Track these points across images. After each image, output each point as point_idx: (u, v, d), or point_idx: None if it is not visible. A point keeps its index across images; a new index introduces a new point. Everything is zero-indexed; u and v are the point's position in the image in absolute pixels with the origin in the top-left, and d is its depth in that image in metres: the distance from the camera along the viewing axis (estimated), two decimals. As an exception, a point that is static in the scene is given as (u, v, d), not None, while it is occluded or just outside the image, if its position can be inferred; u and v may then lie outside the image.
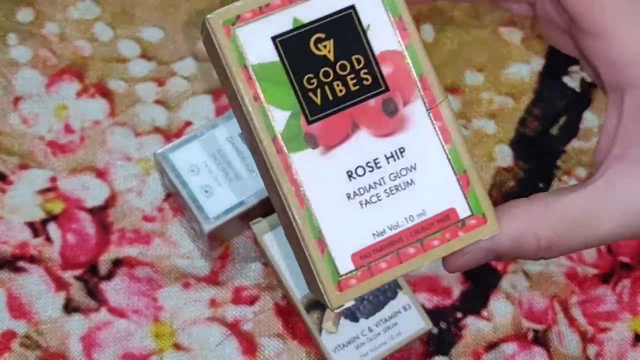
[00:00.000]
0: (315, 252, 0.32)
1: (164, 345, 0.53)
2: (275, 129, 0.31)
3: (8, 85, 0.58)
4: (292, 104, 0.32)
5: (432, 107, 0.33)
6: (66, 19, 0.60)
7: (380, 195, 0.32)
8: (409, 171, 0.32)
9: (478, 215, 0.33)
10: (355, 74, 0.32)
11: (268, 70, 0.31)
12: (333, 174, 0.32)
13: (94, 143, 0.57)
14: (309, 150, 0.32)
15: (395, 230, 0.32)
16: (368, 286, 0.32)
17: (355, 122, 0.32)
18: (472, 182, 0.33)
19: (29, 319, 0.53)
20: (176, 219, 0.56)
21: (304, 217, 0.32)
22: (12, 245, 0.55)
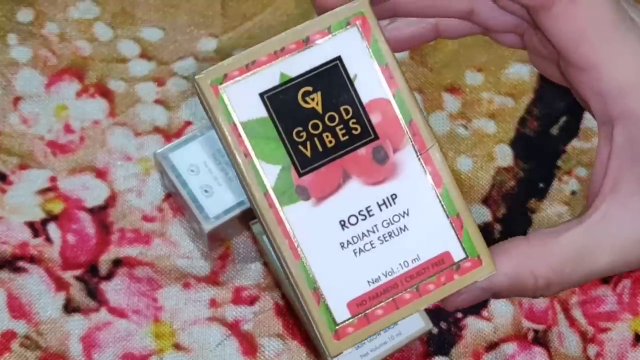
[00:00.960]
0: (311, 302, 0.32)
1: (164, 346, 0.53)
2: (267, 184, 0.32)
3: (8, 85, 0.58)
4: (282, 158, 0.32)
5: (423, 152, 0.33)
6: (66, 19, 0.60)
7: (374, 242, 0.32)
8: (401, 217, 0.33)
9: (473, 257, 0.33)
10: (344, 124, 0.32)
11: (257, 126, 0.32)
12: (326, 224, 0.32)
13: (94, 143, 0.57)
14: (301, 202, 0.32)
15: (390, 276, 0.33)
16: (365, 333, 0.32)
17: (346, 172, 0.32)
18: (465, 224, 0.33)
19: (29, 319, 0.53)
20: (176, 219, 0.56)
21: (298, 268, 0.32)
22: (12, 245, 0.54)
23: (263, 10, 0.61)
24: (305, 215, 0.32)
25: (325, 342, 0.32)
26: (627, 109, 0.32)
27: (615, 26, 0.32)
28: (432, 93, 0.60)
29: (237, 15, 0.61)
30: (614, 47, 0.32)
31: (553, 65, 0.36)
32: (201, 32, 0.60)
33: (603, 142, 0.34)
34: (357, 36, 0.33)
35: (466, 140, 0.59)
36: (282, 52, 0.33)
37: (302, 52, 0.32)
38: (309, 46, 0.32)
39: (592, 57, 0.32)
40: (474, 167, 0.58)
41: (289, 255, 0.32)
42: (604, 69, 0.32)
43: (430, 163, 0.33)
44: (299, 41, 0.32)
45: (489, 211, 0.57)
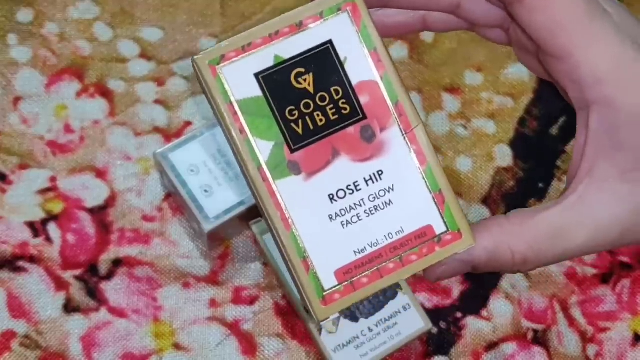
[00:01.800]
0: (301, 270, 0.34)
1: (164, 345, 0.53)
2: (260, 159, 0.34)
3: (8, 85, 0.58)
4: (275, 134, 0.34)
5: (408, 132, 0.35)
6: (66, 19, 0.60)
7: (360, 215, 0.34)
8: (387, 192, 0.35)
9: (454, 231, 0.35)
10: (334, 104, 0.34)
11: (252, 105, 0.34)
12: (316, 198, 0.34)
13: (93, 143, 0.57)
14: (293, 176, 0.34)
15: (375, 247, 0.34)
16: (351, 300, 0.34)
17: (336, 149, 0.34)
18: (447, 200, 0.35)
19: (29, 319, 0.53)
20: (176, 218, 0.56)
21: (289, 238, 0.34)
22: (12, 245, 0.55)
23: (262, 10, 0.61)
24: (296, 189, 0.34)
25: (314, 307, 0.34)
26: (602, 95, 0.34)
27: (589, 16, 0.33)
28: (431, 93, 0.60)
29: (236, 14, 0.61)
30: (589, 35, 0.33)
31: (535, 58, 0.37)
32: (200, 31, 0.60)
33: (580, 128, 0.35)
34: (348, 21, 0.34)
35: (466, 140, 0.59)
36: (276, 35, 0.34)
37: (296, 36, 0.34)
38: (302, 30, 0.34)
39: (567, 46, 0.34)
40: (474, 167, 0.58)
41: (280, 226, 0.34)
42: (580, 58, 0.34)
43: (415, 142, 0.35)
44: (293, 25, 0.34)
45: (488, 211, 0.57)
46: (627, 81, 0.33)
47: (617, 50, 0.33)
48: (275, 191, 0.34)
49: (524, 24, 0.34)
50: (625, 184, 0.34)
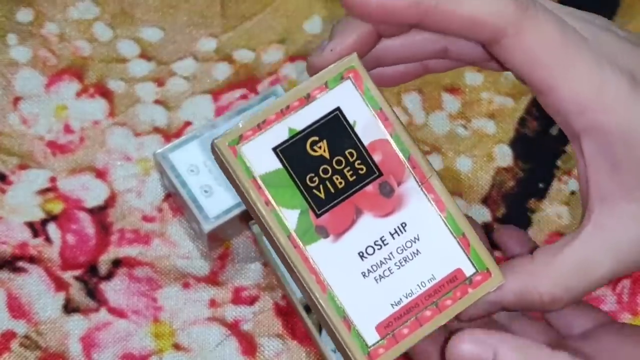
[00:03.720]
0: (343, 330, 0.35)
1: (164, 346, 0.53)
2: (289, 227, 0.35)
3: (8, 85, 0.58)
4: (299, 202, 0.35)
5: (423, 182, 0.36)
6: (66, 19, 0.60)
7: (391, 268, 0.36)
8: (413, 242, 0.36)
9: (482, 271, 0.36)
10: (351, 166, 0.36)
11: (274, 178, 0.35)
12: (347, 257, 0.35)
13: (93, 143, 0.57)
14: (322, 240, 0.35)
15: (410, 297, 0.36)
16: (395, 352, 0.35)
17: (358, 208, 0.36)
18: (471, 242, 0.36)
19: (29, 319, 0.53)
20: (176, 219, 0.56)
21: (327, 300, 0.35)
22: (12, 245, 0.55)
23: (262, 10, 0.61)
24: (327, 251, 0.35)
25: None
26: (589, 122, 0.34)
27: (565, 47, 0.34)
28: (431, 93, 0.60)
29: (236, 15, 0.61)
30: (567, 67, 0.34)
31: None
32: (201, 32, 0.60)
33: (578, 156, 0.36)
34: (352, 87, 0.36)
35: (466, 141, 0.59)
36: (287, 109, 0.36)
37: (305, 108, 0.36)
38: (311, 101, 0.36)
39: (547, 80, 0.34)
40: (474, 167, 0.58)
41: (316, 289, 0.35)
42: (561, 90, 0.34)
43: (432, 191, 0.36)
44: (301, 98, 0.36)
45: (488, 211, 0.57)
46: (609, 103, 0.34)
47: (596, 76, 0.34)
48: (308, 256, 0.35)
49: (504, 62, 0.35)
50: (633, 203, 0.35)
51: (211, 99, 0.59)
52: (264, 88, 0.59)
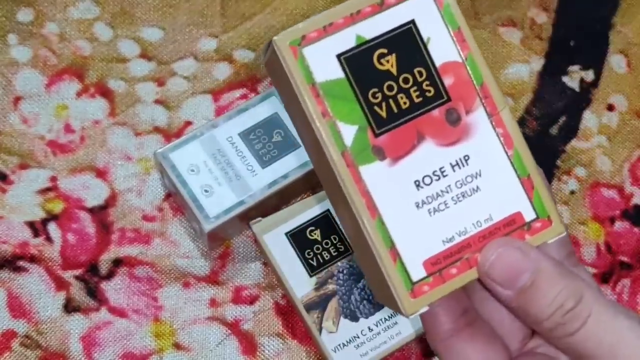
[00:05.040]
0: (388, 261, 0.32)
1: (164, 345, 0.53)
2: (344, 143, 0.32)
3: (8, 85, 0.58)
4: (359, 118, 0.32)
5: (494, 114, 0.33)
6: (66, 18, 0.60)
7: (447, 202, 0.33)
8: (474, 178, 0.33)
9: (543, 218, 0.34)
10: (418, 86, 0.33)
11: (335, 87, 0.32)
12: (401, 184, 0.33)
13: (94, 143, 0.57)
14: (377, 162, 0.32)
15: (463, 236, 0.33)
16: (440, 292, 0.33)
17: (420, 133, 0.33)
18: (536, 185, 0.33)
19: (29, 319, 0.53)
20: (176, 218, 0.56)
21: (375, 227, 0.32)
22: (13, 244, 0.55)
23: (263, 10, 0.61)
24: (381, 175, 0.32)
25: (402, 300, 0.32)
26: None
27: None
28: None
29: (236, 14, 0.61)
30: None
31: None
32: (201, 31, 0.60)
33: None
34: (430, 0, 0.33)
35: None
36: (357, 14, 0.33)
37: (377, 15, 0.33)
38: (384, 9, 0.33)
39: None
40: (474, 167, 0.58)
41: (365, 214, 0.32)
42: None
43: (501, 125, 0.33)
44: (375, 4, 0.33)
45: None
46: None
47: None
48: (360, 177, 0.32)
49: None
50: None
51: (211, 99, 0.59)
52: (264, 88, 0.59)
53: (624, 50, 0.62)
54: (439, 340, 0.36)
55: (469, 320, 0.36)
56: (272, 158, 0.53)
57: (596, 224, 0.58)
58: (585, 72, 0.62)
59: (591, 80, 0.61)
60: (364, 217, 0.32)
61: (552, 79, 0.61)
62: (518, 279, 0.33)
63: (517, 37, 0.62)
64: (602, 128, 0.60)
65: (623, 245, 0.57)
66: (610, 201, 0.59)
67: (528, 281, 0.33)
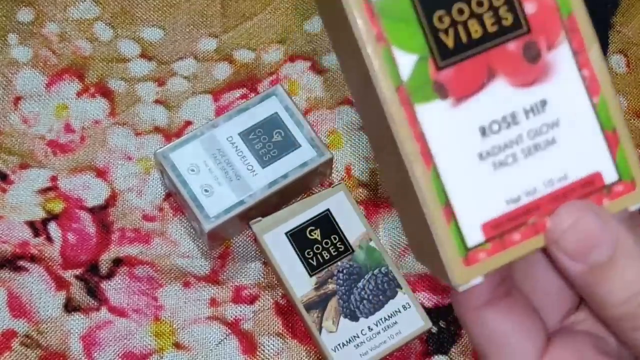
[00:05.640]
0: (440, 220, 0.27)
1: (164, 344, 0.53)
2: (401, 76, 0.27)
3: (8, 85, 0.58)
4: (420, 46, 0.27)
5: (580, 52, 0.28)
6: (66, 18, 0.60)
7: (516, 155, 0.28)
8: (550, 128, 0.28)
9: (626, 181, 0.29)
10: (494, 12, 0.27)
11: (394, 6, 0.27)
12: (464, 130, 0.28)
13: (94, 142, 0.57)
14: (438, 101, 0.27)
15: (532, 196, 0.28)
16: (499, 260, 0.28)
17: (492, 69, 0.28)
18: (622, 141, 0.28)
19: (30, 318, 0.53)
20: (176, 218, 0.56)
21: (429, 179, 0.27)
22: (13, 244, 0.55)
23: (263, 10, 0.61)
24: (441, 117, 0.27)
25: (452, 267, 0.28)
26: None
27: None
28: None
29: (236, 14, 0.61)
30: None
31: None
32: (201, 31, 0.60)
33: None
34: None
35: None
36: None
37: None
38: None
39: None
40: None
41: (418, 163, 0.27)
42: None
43: (588, 67, 0.28)
44: None
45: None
46: None
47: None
48: (417, 118, 0.27)
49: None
50: None
51: (211, 99, 0.59)
52: (264, 88, 0.59)
53: (624, 50, 0.62)
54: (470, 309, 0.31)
55: (506, 289, 0.31)
56: (272, 158, 0.53)
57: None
58: (585, 72, 0.62)
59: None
60: (417, 167, 0.27)
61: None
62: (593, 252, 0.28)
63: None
64: (602, 128, 0.60)
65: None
66: (610, 201, 0.59)
67: (605, 256, 0.28)
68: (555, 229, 0.28)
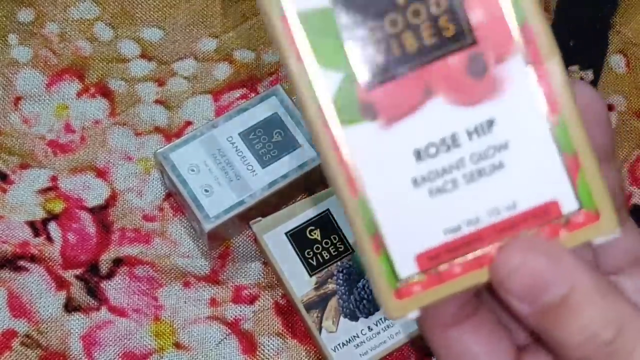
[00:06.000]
0: (369, 250, 0.26)
1: (164, 344, 0.53)
2: (324, 96, 0.25)
3: (9, 85, 0.58)
4: (345, 63, 0.25)
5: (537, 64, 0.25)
6: (67, 19, 0.60)
7: (457, 181, 0.25)
8: (497, 151, 0.25)
9: (589, 210, 0.25)
10: (433, 22, 0.24)
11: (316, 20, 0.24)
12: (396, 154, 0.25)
13: (94, 143, 0.57)
14: (367, 123, 0.25)
15: (474, 226, 0.26)
16: (435, 294, 0.26)
17: (429, 87, 0.25)
18: (583, 166, 0.25)
19: (30, 318, 0.53)
20: (176, 218, 0.56)
21: (356, 207, 0.25)
22: (13, 244, 0.55)
23: (263, 10, 0.61)
24: (370, 140, 0.25)
25: (384, 300, 0.26)
26: None
27: None
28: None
29: (236, 14, 0.61)
30: None
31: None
32: (201, 31, 0.60)
33: None
34: None
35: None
36: None
37: None
38: None
39: None
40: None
41: (344, 190, 0.25)
42: None
43: (545, 82, 0.25)
44: None
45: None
46: None
47: None
48: (342, 141, 0.25)
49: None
50: None
51: (211, 99, 0.59)
52: (264, 88, 0.59)
53: (624, 51, 0.62)
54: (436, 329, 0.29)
55: (473, 307, 0.30)
56: (272, 158, 0.53)
57: (595, 224, 0.58)
58: (585, 72, 0.62)
59: (590, 80, 0.61)
60: (343, 193, 0.25)
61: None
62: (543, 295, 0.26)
63: (517, 37, 0.62)
64: (602, 128, 0.60)
65: (622, 245, 0.57)
66: (610, 201, 0.59)
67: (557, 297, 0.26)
68: (500, 270, 0.26)
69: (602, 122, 0.28)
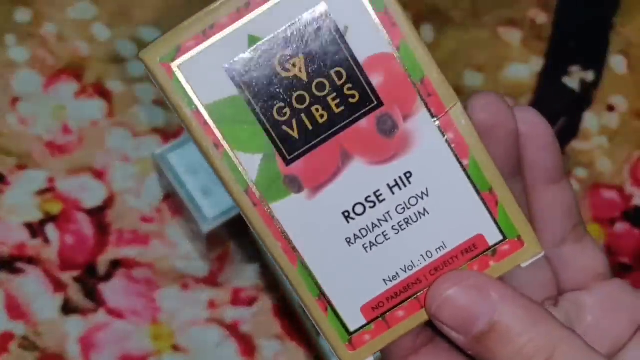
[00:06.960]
0: (317, 312, 0.27)
1: (163, 347, 0.53)
2: (247, 178, 0.26)
3: (6, 85, 0.58)
4: (262, 144, 0.26)
5: (441, 115, 0.27)
6: (64, 19, 0.60)
7: (387, 233, 0.27)
8: (419, 199, 0.27)
9: (512, 239, 0.27)
10: (338, 92, 0.26)
11: (227, 109, 0.25)
12: (326, 219, 0.27)
13: (92, 143, 0.57)
14: (292, 196, 0.26)
15: (410, 271, 0.27)
16: (385, 340, 0.28)
17: (346, 151, 0.26)
18: (500, 200, 0.27)
19: (27, 320, 0.53)
20: (174, 219, 0.56)
21: (297, 274, 0.27)
22: (10, 246, 0.54)
23: (262, 10, 0.61)
24: (299, 211, 0.26)
25: (340, 354, 0.28)
26: None
27: None
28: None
29: (235, 15, 0.61)
30: None
31: None
32: (200, 32, 0.60)
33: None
34: None
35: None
36: (247, 8, 0.25)
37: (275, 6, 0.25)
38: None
39: None
40: (473, 168, 0.58)
41: (284, 261, 0.27)
42: None
43: (451, 128, 0.27)
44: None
45: (488, 212, 0.57)
46: None
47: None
48: (272, 217, 0.26)
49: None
50: None
51: (210, 100, 0.58)
52: (263, 88, 0.59)
53: (624, 51, 0.62)
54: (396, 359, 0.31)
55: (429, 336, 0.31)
56: (271, 159, 0.53)
57: (596, 225, 0.58)
58: (586, 72, 0.61)
59: (591, 81, 0.61)
60: (282, 264, 0.27)
61: (552, 79, 0.61)
62: (473, 325, 0.27)
63: (517, 38, 0.62)
64: (603, 129, 0.60)
65: (623, 247, 0.57)
66: (611, 202, 0.59)
67: (486, 327, 0.27)
68: (431, 305, 0.28)
69: (547, 144, 0.30)
